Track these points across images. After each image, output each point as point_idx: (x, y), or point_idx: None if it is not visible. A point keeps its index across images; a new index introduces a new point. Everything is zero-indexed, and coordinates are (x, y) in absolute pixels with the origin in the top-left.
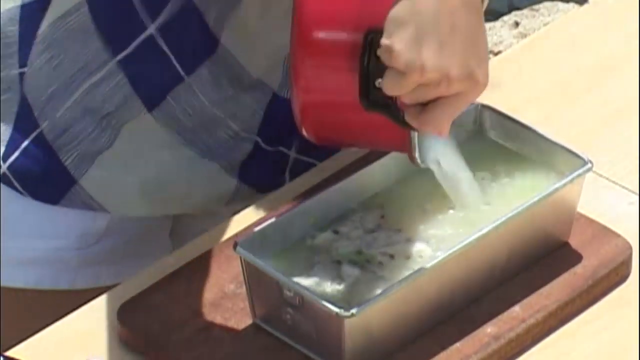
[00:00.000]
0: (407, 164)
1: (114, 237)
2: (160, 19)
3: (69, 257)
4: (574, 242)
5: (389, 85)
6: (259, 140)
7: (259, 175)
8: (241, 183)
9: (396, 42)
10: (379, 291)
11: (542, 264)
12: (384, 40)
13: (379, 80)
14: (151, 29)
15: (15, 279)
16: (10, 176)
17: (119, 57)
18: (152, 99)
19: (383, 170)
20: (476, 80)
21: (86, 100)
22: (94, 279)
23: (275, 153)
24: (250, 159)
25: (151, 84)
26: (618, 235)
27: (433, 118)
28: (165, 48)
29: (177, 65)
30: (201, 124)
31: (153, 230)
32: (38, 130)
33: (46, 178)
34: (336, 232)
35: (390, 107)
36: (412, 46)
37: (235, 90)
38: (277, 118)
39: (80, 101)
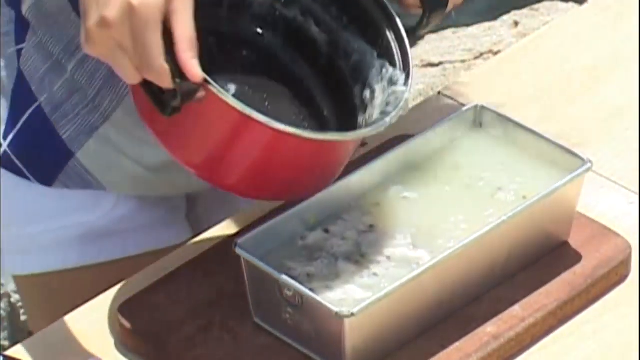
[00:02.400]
0: (398, 166)
1: (124, 214)
2: None
3: (90, 230)
4: (574, 241)
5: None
6: None
7: None
8: None
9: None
10: (377, 290)
11: (541, 263)
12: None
13: None
14: None
15: (43, 264)
16: (11, 154)
17: None
18: None
19: (383, 169)
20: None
21: (76, 76)
22: (121, 249)
23: None
24: None
25: None
26: (617, 235)
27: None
28: None
29: None
30: None
31: (167, 214)
32: (37, 104)
33: (44, 153)
34: (326, 231)
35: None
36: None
37: None
38: None
39: (70, 78)
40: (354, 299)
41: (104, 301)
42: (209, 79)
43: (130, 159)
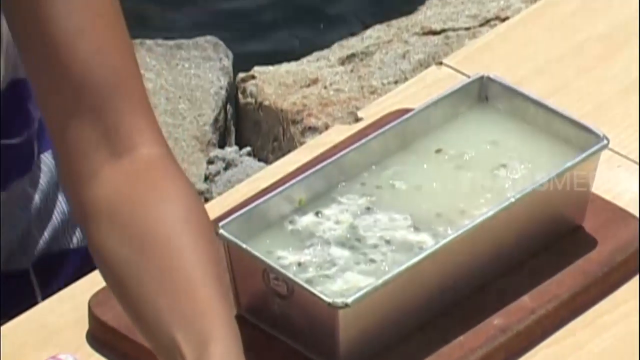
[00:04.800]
0: (396, 143)
1: None
2: None
3: None
4: (588, 225)
5: None
6: None
7: None
8: None
9: None
10: (373, 278)
11: (553, 249)
12: None
13: None
14: None
15: None
16: None
17: None
18: None
19: (373, 149)
20: None
21: None
22: None
23: None
24: None
25: None
26: (636, 218)
27: None
28: None
29: None
30: None
31: None
32: None
33: None
34: (319, 214)
35: None
36: None
37: None
38: None
39: None
40: (349, 289)
41: (74, 292)
42: None
43: None
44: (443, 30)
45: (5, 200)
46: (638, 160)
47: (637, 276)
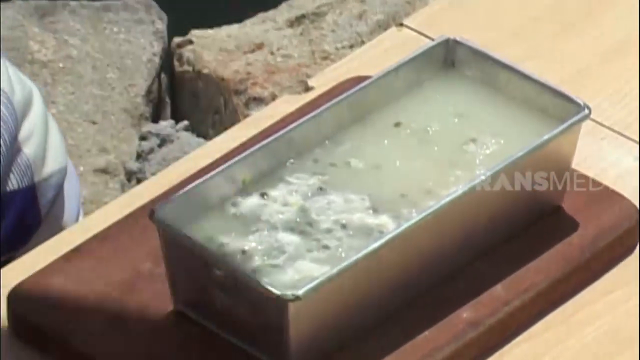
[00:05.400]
0: (352, 116)
1: None
2: None
3: None
4: (569, 205)
5: None
6: None
7: None
8: None
9: None
10: (328, 267)
11: (529, 233)
12: None
13: None
14: None
15: None
16: None
17: None
18: None
19: (322, 123)
20: None
21: None
22: None
23: None
24: None
25: None
26: (622, 197)
27: None
28: None
29: None
30: None
31: None
32: None
33: None
34: (265, 195)
35: None
36: None
37: None
38: None
39: None
40: (300, 279)
41: None
42: None
43: None
44: None
45: None
46: (623, 132)
47: (624, 262)
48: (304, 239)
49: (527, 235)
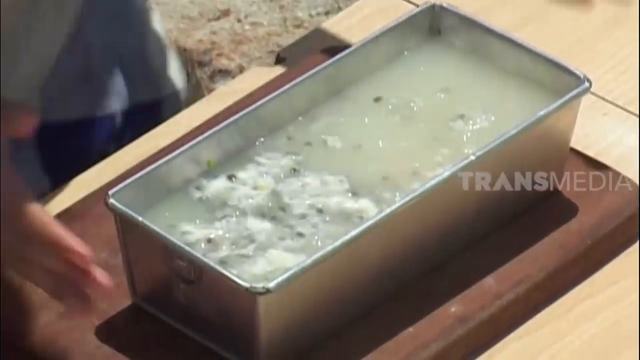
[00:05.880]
0: (328, 90)
1: None
2: None
3: None
4: (567, 189)
5: None
6: None
7: None
8: None
9: None
10: (303, 256)
11: (523, 219)
12: None
13: None
14: None
15: None
16: None
17: None
18: None
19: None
20: None
21: None
22: None
23: None
24: None
25: None
26: (625, 179)
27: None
28: None
29: None
30: None
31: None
32: None
33: None
34: (233, 178)
35: None
36: None
37: None
38: None
39: None
40: (272, 271)
41: None
42: None
43: None
44: None
45: None
46: (627, 107)
47: (627, 251)
48: (275, 225)
49: (521, 222)
